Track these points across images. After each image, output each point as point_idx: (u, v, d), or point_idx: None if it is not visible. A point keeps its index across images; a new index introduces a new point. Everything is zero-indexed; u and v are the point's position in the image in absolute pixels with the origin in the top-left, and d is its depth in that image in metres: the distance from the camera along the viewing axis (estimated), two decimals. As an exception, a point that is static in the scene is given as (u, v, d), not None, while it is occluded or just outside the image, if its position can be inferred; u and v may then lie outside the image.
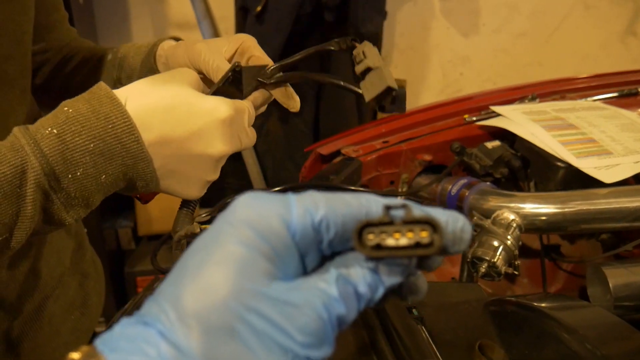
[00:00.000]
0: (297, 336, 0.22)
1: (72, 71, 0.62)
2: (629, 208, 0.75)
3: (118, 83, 0.59)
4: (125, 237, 1.96)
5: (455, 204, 0.87)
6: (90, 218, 0.65)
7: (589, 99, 1.11)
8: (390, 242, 0.23)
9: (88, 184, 0.39)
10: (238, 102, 0.45)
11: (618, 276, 0.72)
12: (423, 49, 2.35)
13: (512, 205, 0.79)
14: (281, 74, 0.52)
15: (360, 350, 0.57)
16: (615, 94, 1.11)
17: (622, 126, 0.92)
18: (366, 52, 0.44)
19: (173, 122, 0.41)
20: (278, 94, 0.53)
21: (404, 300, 0.28)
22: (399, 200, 0.25)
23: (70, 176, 0.38)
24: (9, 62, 0.49)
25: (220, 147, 0.43)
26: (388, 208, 0.24)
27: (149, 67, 0.56)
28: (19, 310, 0.53)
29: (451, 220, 0.26)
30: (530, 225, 0.77)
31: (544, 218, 0.77)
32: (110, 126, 0.39)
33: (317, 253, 0.26)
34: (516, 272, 0.74)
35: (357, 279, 0.24)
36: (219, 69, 0.49)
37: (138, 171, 0.41)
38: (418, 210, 0.25)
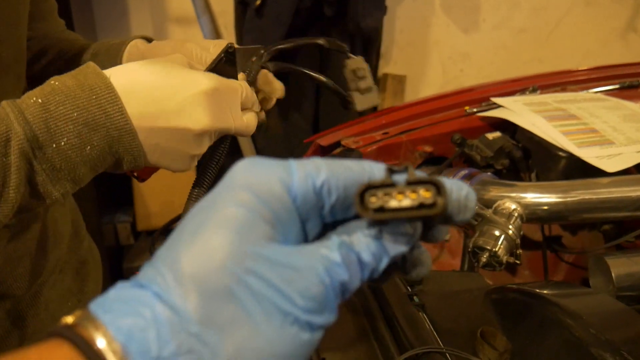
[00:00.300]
0: (297, 300, 0.22)
1: (47, 64, 0.61)
2: (631, 197, 0.75)
3: None
4: (124, 232, 1.95)
5: (456, 194, 0.87)
6: (88, 213, 0.65)
7: (590, 91, 1.10)
8: (393, 203, 0.23)
9: (73, 155, 0.39)
10: (229, 80, 0.45)
11: (620, 266, 0.71)
12: (423, 46, 2.34)
13: (513, 195, 0.78)
14: (277, 64, 0.53)
15: (361, 337, 0.56)
16: (616, 86, 1.11)
17: (624, 117, 0.92)
18: (366, 72, 0.53)
19: (153, 97, 0.41)
20: (259, 80, 0.54)
21: (407, 274, 0.28)
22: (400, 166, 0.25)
23: (54, 145, 0.38)
24: (4, 47, 0.48)
25: (201, 119, 0.42)
26: (390, 170, 0.24)
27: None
28: (16, 295, 0.52)
29: (455, 188, 0.25)
30: (532, 215, 0.77)
31: (545, 207, 0.77)
32: (94, 97, 0.39)
33: (318, 219, 0.25)
34: (518, 262, 0.73)
35: (360, 246, 0.24)
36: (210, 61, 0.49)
37: (124, 144, 0.41)
38: (420, 174, 0.25)
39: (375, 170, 0.25)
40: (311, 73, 0.54)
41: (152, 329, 0.21)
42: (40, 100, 0.38)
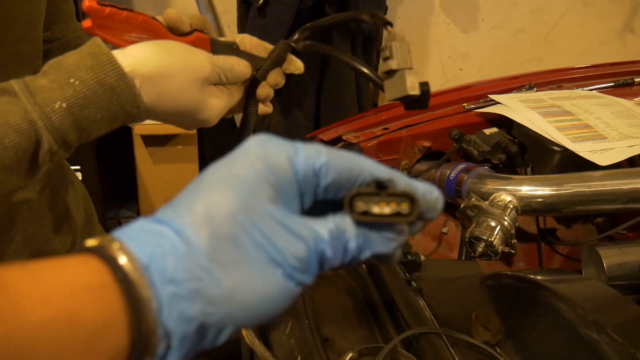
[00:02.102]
0: (287, 256, 0.26)
1: None
2: (622, 190, 0.77)
3: None
4: (128, 228, 1.97)
5: (454, 187, 0.89)
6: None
7: (585, 88, 1.13)
8: (375, 210, 0.28)
9: (90, 138, 0.43)
10: (229, 59, 0.50)
11: (612, 256, 0.74)
12: (423, 45, 2.37)
13: (509, 187, 0.81)
14: (308, 42, 0.53)
15: (361, 320, 0.59)
16: (610, 84, 1.14)
17: (618, 113, 0.94)
18: (394, 51, 0.45)
19: (167, 89, 0.44)
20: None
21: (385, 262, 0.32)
22: (386, 173, 0.29)
23: (76, 138, 0.42)
24: (23, 43, 0.51)
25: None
26: (376, 182, 0.29)
27: None
28: None
29: (427, 192, 0.30)
30: (527, 207, 0.79)
31: (540, 200, 0.79)
32: (115, 97, 0.42)
33: (312, 196, 0.29)
34: (512, 251, 0.76)
35: (350, 236, 0.28)
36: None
37: (134, 120, 0.45)
38: (402, 183, 0.29)
39: (367, 165, 0.29)
40: (345, 58, 0.50)
41: (171, 256, 0.24)
42: (64, 105, 0.40)
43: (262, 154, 0.27)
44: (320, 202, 0.30)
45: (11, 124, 0.38)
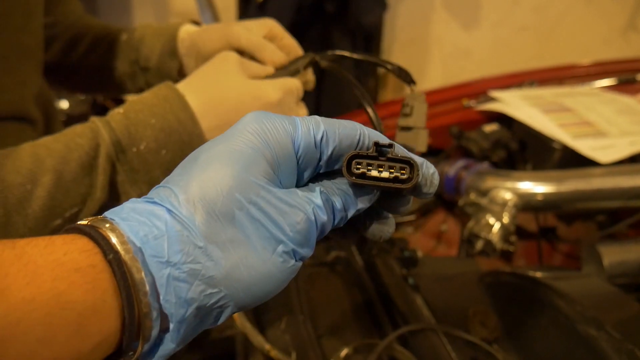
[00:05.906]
0: (287, 231, 0.26)
1: (85, 51, 0.63)
2: (623, 187, 0.77)
3: (135, 64, 0.61)
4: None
5: (454, 184, 0.88)
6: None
7: (586, 85, 1.12)
8: (373, 173, 0.27)
9: (150, 158, 0.43)
10: (288, 81, 0.49)
11: (612, 254, 0.73)
12: (424, 43, 2.36)
13: (508, 184, 0.80)
14: (332, 64, 0.53)
15: (357, 316, 0.58)
16: (612, 82, 1.13)
17: (619, 110, 0.93)
18: (415, 110, 0.47)
19: (225, 112, 0.46)
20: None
21: (371, 233, 0.32)
22: (387, 139, 0.29)
23: (134, 149, 0.42)
24: (24, 33, 0.50)
25: None
26: (377, 144, 0.28)
27: (170, 51, 0.59)
28: None
29: (425, 166, 0.29)
30: (527, 204, 0.78)
31: (539, 196, 0.78)
32: (168, 105, 0.44)
33: (313, 170, 0.29)
34: (511, 249, 0.75)
35: (335, 197, 0.28)
36: (261, 44, 0.52)
37: (194, 148, 0.44)
38: (401, 151, 0.29)
39: (366, 130, 0.29)
40: (356, 89, 0.49)
41: (165, 238, 0.24)
42: (121, 110, 0.43)
43: (259, 130, 0.27)
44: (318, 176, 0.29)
45: (77, 132, 0.42)
